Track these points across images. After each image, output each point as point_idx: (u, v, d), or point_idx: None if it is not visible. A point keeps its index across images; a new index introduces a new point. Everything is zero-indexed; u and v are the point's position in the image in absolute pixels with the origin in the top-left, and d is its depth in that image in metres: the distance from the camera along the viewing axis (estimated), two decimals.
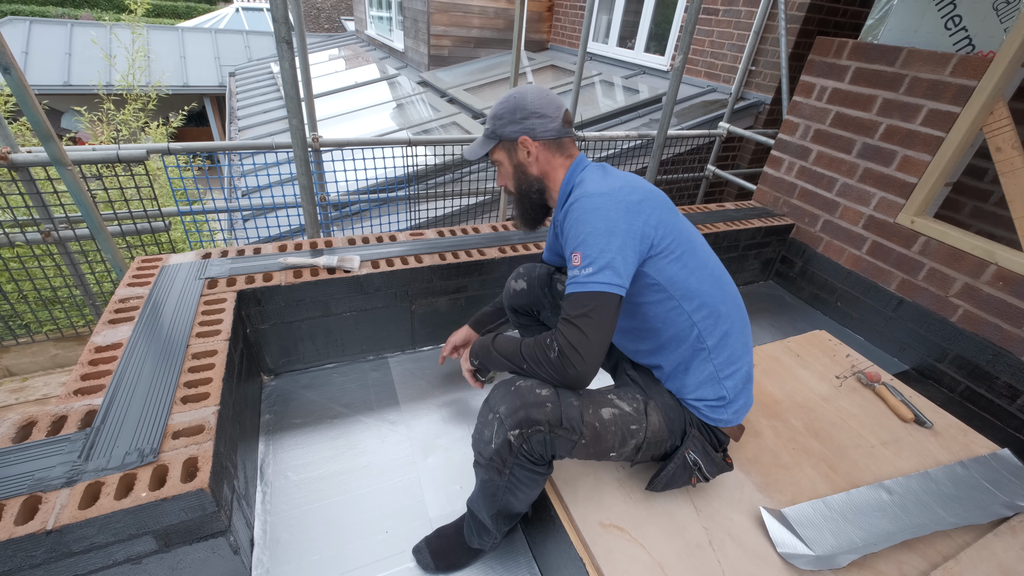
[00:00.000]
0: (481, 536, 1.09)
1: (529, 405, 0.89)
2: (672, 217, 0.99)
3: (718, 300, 1.00)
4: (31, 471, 0.90)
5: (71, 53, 7.86)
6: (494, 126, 1.09)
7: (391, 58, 7.51)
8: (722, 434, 1.06)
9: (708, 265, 1.01)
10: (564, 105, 1.08)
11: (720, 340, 1.00)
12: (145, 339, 1.24)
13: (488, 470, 0.95)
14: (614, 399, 1.00)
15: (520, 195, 1.15)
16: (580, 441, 0.92)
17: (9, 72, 1.66)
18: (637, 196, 0.95)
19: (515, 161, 1.11)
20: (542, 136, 1.07)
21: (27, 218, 2.16)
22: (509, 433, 0.89)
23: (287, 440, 1.47)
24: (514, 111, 1.06)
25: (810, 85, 2.39)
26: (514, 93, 1.08)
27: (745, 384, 1.04)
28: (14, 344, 2.36)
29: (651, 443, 0.99)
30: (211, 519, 0.95)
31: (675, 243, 0.96)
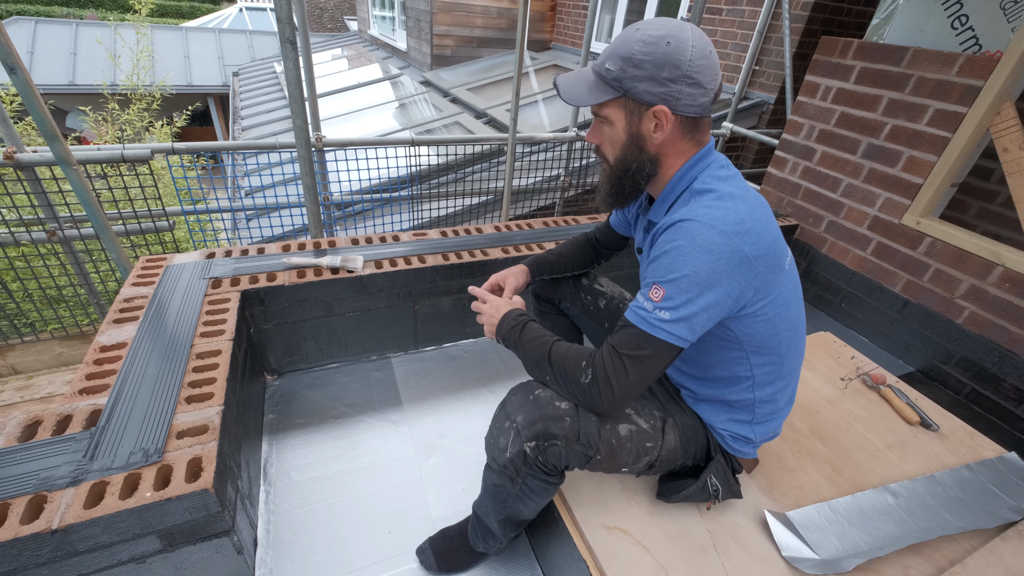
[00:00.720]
0: (487, 541, 1.09)
1: (548, 418, 0.86)
2: (777, 275, 0.83)
3: (787, 358, 0.93)
4: (36, 470, 0.90)
5: (76, 53, 7.89)
6: (622, 72, 0.80)
7: (394, 58, 7.52)
8: (738, 463, 1.06)
9: (796, 325, 0.91)
10: (720, 76, 0.83)
11: (771, 393, 0.96)
12: (150, 339, 1.24)
13: (500, 476, 0.93)
14: (632, 415, 0.97)
15: (619, 172, 0.89)
16: (595, 456, 0.91)
17: (15, 72, 1.66)
18: (756, 250, 0.77)
19: (634, 129, 0.84)
20: (684, 111, 0.81)
21: (32, 217, 2.17)
22: (525, 444, 0.86)
23: (290, 440, 1.47)
24: (663, 64, 0.77)
25: (815, 85, 2.38)
26: (668, 34, 0.77)
27: (776, 431, 1.03)
28: (19, 342, 2.37)
29: (664, 461, 0.99)
30: (215, 519, 0.95)
31: (770, 304, 0.83)
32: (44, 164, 2.05)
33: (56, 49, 7.85)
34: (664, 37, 0.77)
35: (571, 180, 3.65)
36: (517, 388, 0.94)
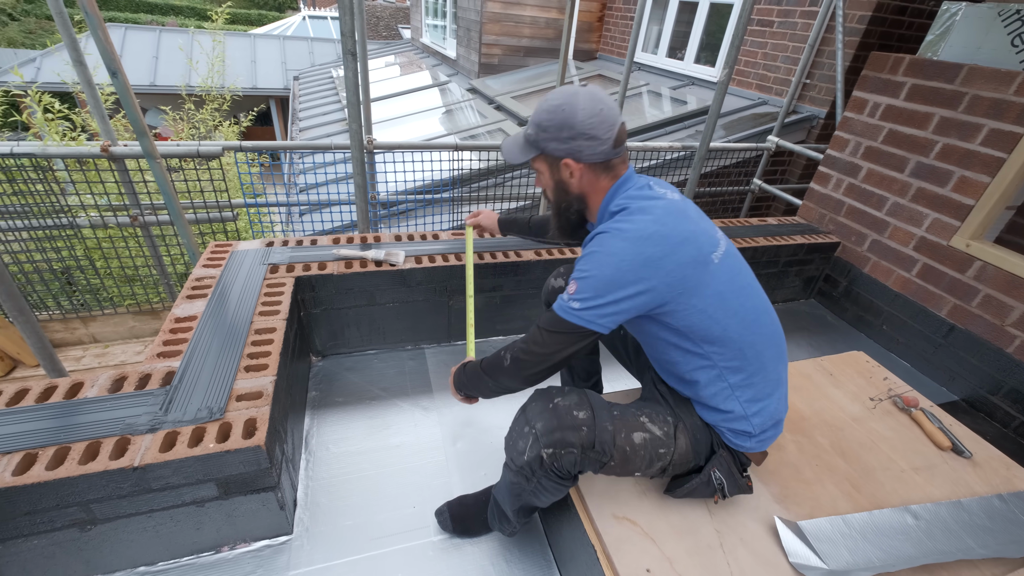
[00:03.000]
0: (502, 523, 1.18)
1: (565, 427, 0.93)
2: (700, 270, 0.92)
3: (745, 343, 0.97)
4: (122, 417, 1.05)
5: (158, 56, 8.61)
6: (537, 136, 1.00)
7: (443, 65, 7.78)
8: (745, 457, 1.08)
9: (740, 312, 0.96)
10: (618, 121, 0.97)
11: (745, 379, 0.99)
12: (216, 314, 1.40)
13: (517, 475, 1.00)
14: (646, 422, 1.02)
15: (558, 210, 1.10)
16: (609, 463, 0.97)
17: (116, 76, 1.89)
18: (661, 251, 0.89)
19: (556, 177, 1.04)
20: (588, 160, 0.98)
21: (119, 204, 2.43)
22: (543, 450, 0.93)
23: (330, 416, 1.60)
24: (561, 128, 0.96)
25: (862, 101, 2.34)
26: (563, 103, 0.95)
27: (774, 421, 1.04)
28: (100, 314, 2.65)
29: (676, 465, 1.03)
30: (264, 474, 1.08)
31: (697, 296, 0.92)
32: (132, 157, 2.30)
33: (141, 53, 8.59)
34: (560, 106, 0.96)
35: None
36: (537, 395, 1.01)
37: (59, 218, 2.42)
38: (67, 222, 2.44)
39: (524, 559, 1.24)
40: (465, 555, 1.23)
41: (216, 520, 1.11)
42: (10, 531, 0.95)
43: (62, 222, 2.44)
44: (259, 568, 1.15)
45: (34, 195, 2.35)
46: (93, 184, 2.32)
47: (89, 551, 1.04)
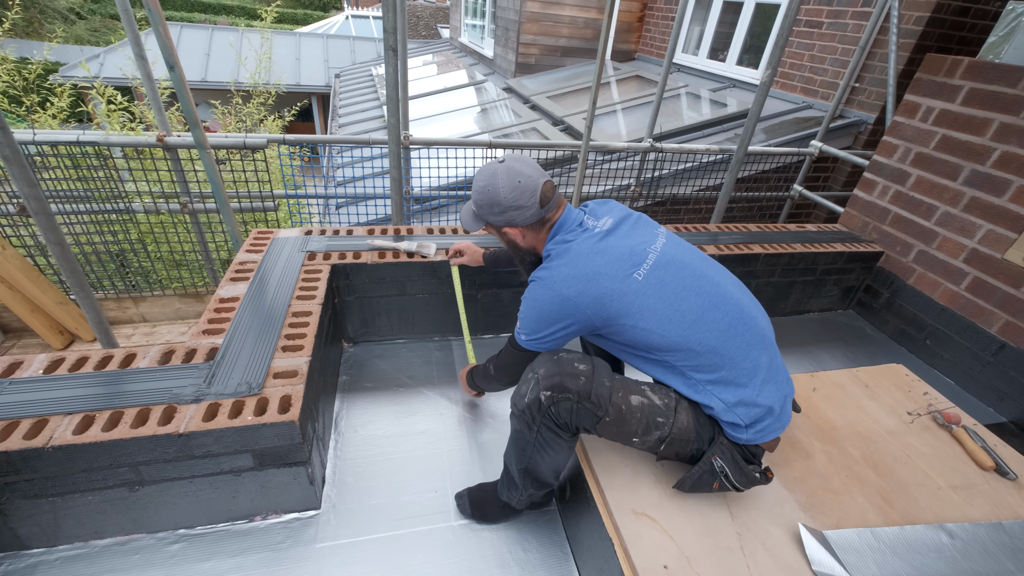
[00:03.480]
0: (510, 490, 1.21)
1: (565, 374, 1.00)
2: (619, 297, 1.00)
3: (694, 343, 1.00)
4: (169, 387, 1.12)
5: (209, 53, 9.02)
6: (479, 211, 1.16)
7: (480, 64, 7.85)
8: (755, 447, 1.07)
9: (675, 318, 1.00)
10: (540, 184, 1.08)
11: (712, 375, 1.01)
12: (257, 296, 1.47)
13: (520, 421, 1.06)
14: (646, 390, 1.05)
15: (518, 260, 1.26)
16: (604, 418, 1.00)
17: (173, 69, 2.00)
18: (577, 287, 1.01)
19: (505, 239, 1.21)
20: (522, 224, 1.12)
21: (171, 191, 2.57)
22: (541, 392, 0.99)
23: (359, 400, 1.65)
24: (491, 205, 1.11)
25: (914, 105, 2.24)
26: (486, 185, 1.10)
27: (766, 408, 1.02)
28: (150, 295, 2.81)
29: (676, 440, 1.03)
30: (296, 449, 1.13)
31: (624, 316, 1.00)
32: (184, 147, 2.43)
33: (194, 50, 9.03)
34: (486, 187, 1.11)
35: (641, 190, 3.66)
36: (544, 353, 1.09)
37: (116, 203, 2.59)
38: (123, 207, 2.60)
39: (541, 548, 1.25)
40: (484, 540, 1.26)
41: (251, 490, 1.17)
42: (68, 486, 1.03)
43: (119, 207, 2.60)
44: (288, 539, 1.21)
45: (95, 181, 2.52)
46: (148, 172, 2.47)
47: (136, 510, 1.12)
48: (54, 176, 2.46)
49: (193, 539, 1.18)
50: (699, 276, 1.06)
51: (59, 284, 2.66)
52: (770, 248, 2.22)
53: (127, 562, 1.12)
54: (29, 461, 0.97)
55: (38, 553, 1.12)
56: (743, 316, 1.05)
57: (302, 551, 1.19)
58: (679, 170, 3.75)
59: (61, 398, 1.07)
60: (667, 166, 3.70)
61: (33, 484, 1.01)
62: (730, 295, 1.07)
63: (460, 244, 1.75)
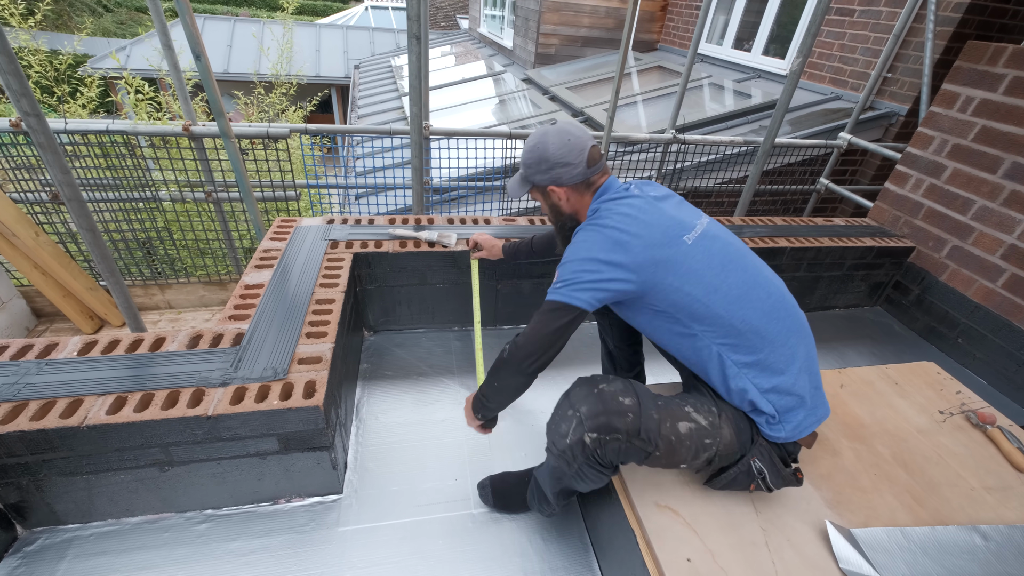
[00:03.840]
0: (541, 504, 1.19)
1: (611, 412, 0.92)
2: (670, 250, 0.98)
3: (735, 319, 0.97)
4: (197, 370, 1.14)
5: (231, 45, 9.14)
6: (525, 172, 1.15)
7: (499, 55, 7.80)
8: (791, 445, 1.05)
9: (721, 288, 0.98)
10: (588, 144, 1.09)
11: (748, 356, 0.98)
12: (281, 283, 1.49)
13: (559, 460, 0.99)
14: (691, 412, 1.00)
15: (556, 228, 1.24)
16: (654, 453, 0.95)
17: (199, 59, 2.02)
18: (628, 234, 0.98)
19: (549, 203, 1.19)
20: (568, 183, 1.11)
21: (196, 180, 2.61)
22: (587, 434, 0.92)
23: (379, 388, 1.67)
24: (539, 162, 1.10)
25: (953, 95, 2.15)
26: (536, 143, 1.10)
27: (800, 399, 1.00)
28: (175, 282, 2.87)
29: (722, 456, 1.01)
30: (320, 434, 1.14)
31: (671, 275, 0.97)
32: (209, 136, 2.47)
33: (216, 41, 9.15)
34: (536, 145, 1.11)
35: (662, 182, 3.60)
36: (581, 380, 1.01)
37: (144, 192, 2.64)
38: (150, 196, 2.66)
39: (561, 539, 1.25)
40: (504, 530, 1.26)
41: (275, 473, 1.19)
42: (102, 464, 1.06)
43: (146, 195, 2.65)
44: (312, 522, 1.23)
45: (123, 169, 2.57)
46: (174, 161, 2.51)
47: (166, 490, 1.15)
48: (84, 165, 2.52)
49: (220, 519, 1.21)
50: (743, 255, 1.05)
51: (88, 271, 2.74)
52: (796, 242, 2.16)
53: (157, 539, 1.16)
54: (65, 439, 1.00)
55: (73, 528, 1.16)
56: (784, 301, 1.04)
57: (325, 534, 1.21)
58: (702, 162, 3.68)
59: (95, 379, 1.10)
60: (690, 158, 3.63)
61: (69, 462, 1.05)
62: (772, 279, 1.06)
63: (478, 236, 1.74)
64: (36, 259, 2.50)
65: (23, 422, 0.98)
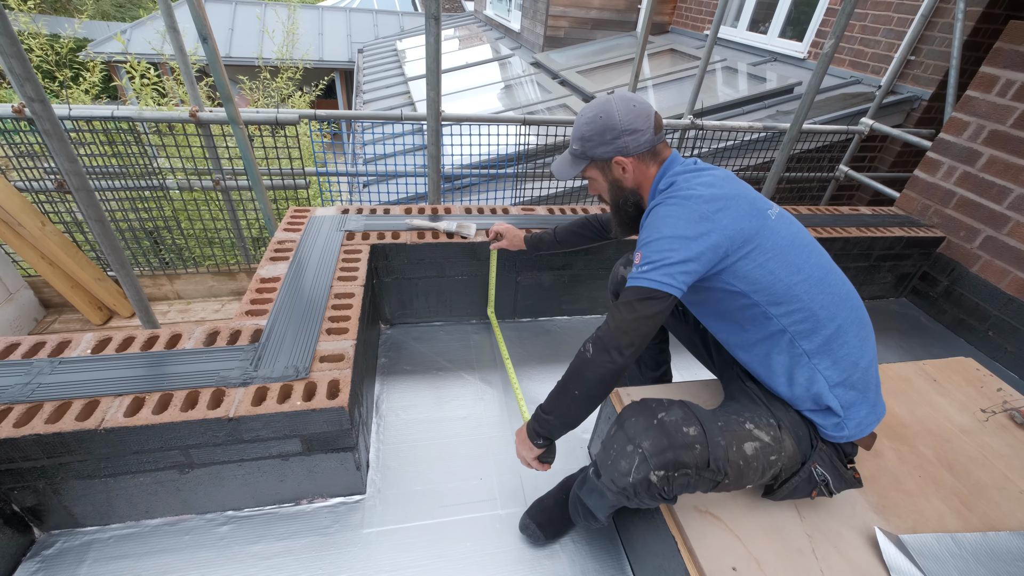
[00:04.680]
0: (588, 520, 1.12)
1: (678, 447, 0.85)
2: (758, 223, 0.93)
3: (815, 303, 0.93)
4: (216, 369, 1.10)
5: (233, 28, 8.97)
6: (583, 147, 1.07)
7: (506, 38, 7.62)
8: (850, 446, 1.00)
9: (804, 269, 0.94)
10: (653, 110, 1.05)
11: (821, 345, 0.93)
12: (298, 277, 1.44)
13: (617, 496, 0.92)
14: (752, 429, 0.95)
15: (616, 208, 1.15)
16: (724, 481, 0.90)
17: (207, 41, 1.95)
18: (715, 205, 0.92)
19: (609, 178, 1.10)
20: (635, 152, 1.04)
21: (204, 168, 2.55)
22: (653, 473, 0.84)
23: (399, 383, 1.63)
24: (603, 132, 1.03)
25: (992, 78, 2.06)
26: (600, 111, 1.03)
27: (863, 394, 0.96)
28: (184, 272, 2.82)
29: (786, 469, 0.96)
30: (345, 435, 1.10)
31: (757, 249, 0.92)
32: (216, 122, 2.40)
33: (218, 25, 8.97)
34: (598, 115, 1.04)
35: None
36: (635, 409, 0.92)
37: (150, 180, 2.58)
38: (157, 184, 2.60)
39: (592, 542, 1.22)
40: None
41: (298, 474, 1.16)
42: (120, 467, 1.03)
43: (152, 184, 2.60)
44: (335, 523, 1.19)
45: (129, 157, 2.51)
46: (181, 148, 2.45)
47: (186, 492, 1.11)
48: (89, 152, 2.46)
49: (242, 521, 1.18)
50: (813, 240, 1.01)
51: (96, 260, 2.69)
52: (823, 232, 2.09)
53: (178, 542, 1.12)
54: (83, 443, 0.96)
55: (92, 531, 1.13)
56: (851, 290, 1.00)
57: (350, 536, 1.17)
58: (718, 148, 3.58)
59: (110, 379, 1.05)
60: (707, 144, 3.53)
61: (86, 465, 1.01)
62: (839, 269, 1.01)
63: (500, 226, 1.68)
64: (43, 249, 2.45)
65: (39, 425, 0.94)
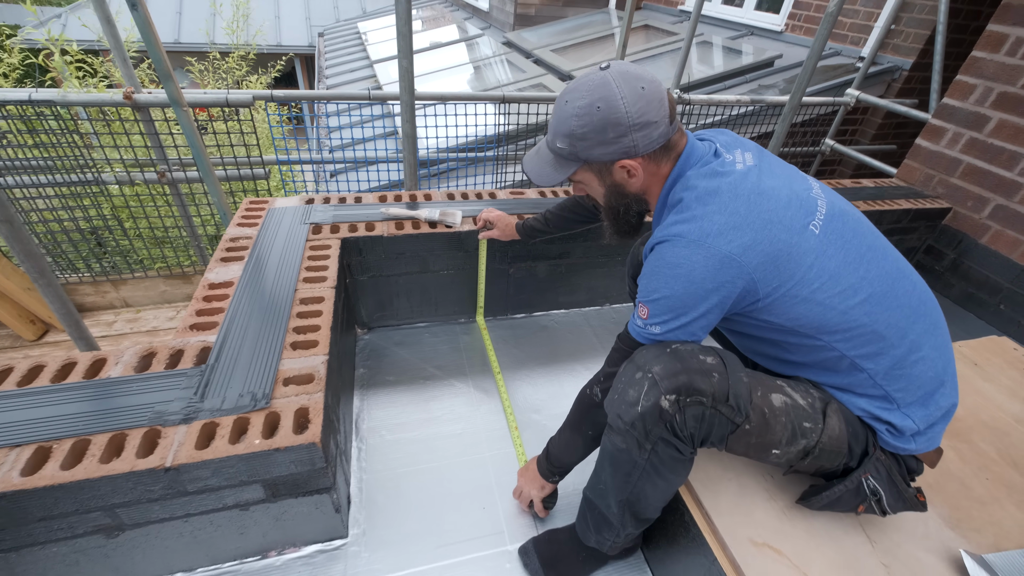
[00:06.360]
0: (600, 532, 0.94)
1: (692, 371, 0.73)
2: (794, 252, 0.74)
3: (879, 323, 0.76)
4: (151, 403, 0.87)
5: (181, 12, 8.34)
6: (573, 148, 0.82)
7: (475, 18, 7.31)
8: (913, 460, 0.84)
9: (864, 287, 0.76)
10: (665, 90, 0.80)
11: (891, 365, 0.77)
12: (255, 279, 1.20)
13: (626, 438, 0.78)
14: (784, 386, 0.81)
15: (614, 215, 0.92)
16: (744, 426, 0.75)
17: (136, 8, 1.66)
18: (742, 240, 0.72)
19: (608, 182, 0.87)
20: (646, 150, 0.80)
21: (146, 159, 2.24)
22: (664, 397, 0.72)
23: (381, 397, 1.41)
24: (604, 128, 0.78)
25: (1000, 36, 1.94)
26: (596, 99, 0.77)
27: (943, 412, 0.81)
28: (131, 277, 2.52)
29: (825, 451, 0.80)
30: (318, 475, 0.89)
31: (800, 283, 0.74)
32: (157, 105, 2.10)
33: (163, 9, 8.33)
34: (593, 104, 0.78)
35: None
36: (648, 345, 0.81)
37: (84, 174, 2.26)
38: (92, 178, 2.28)
39: None
40: None
41: (262, 524, 0.94)
42: (23, 538, 0.79)
43: (87, 178, 2.27)
44: None
45: (58, 148, 2.19)
46: (118, 136, 2.14)
47: (118, 558, 0.89)
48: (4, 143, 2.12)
49: None
50: (874, 233, 0.82)
51: None
52: None
53: None
54: None
55: None
56: (922, 290, 0.82)
57: None
58: (705, 124, 3.43)
59: (5, 425, 0.81)
60: (693, 120, 3.38)
61: None
62: (907, 263, 0.83)
63: (489, 213, 1.48)
64: None
65: None
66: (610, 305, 1.91)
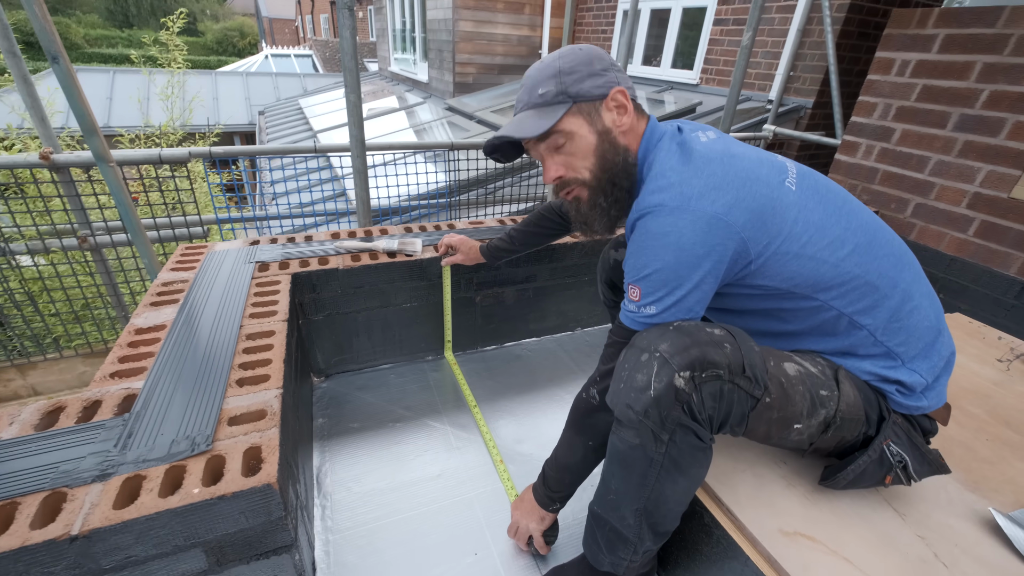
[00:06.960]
0: (614, 551, 0.81)
1: (703, 343, 0.67)
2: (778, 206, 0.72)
3: (873, 274, 0.75)
4: (55, 462, 0.70)
5: (111, 98, 8.22)
6: (562, 84, 0.77)
7: (415, 90, 7.66)
8: (927, 420, 0.81)
9: (849, 238, 0.75)
10: None
11: (888, 318, 0.76)
12: (192, 319, 1.06)
13: (639, 432, 0.70)
14: (793, 356, 0.77)
15: (605, 180, 0.80)
16: (764, 399, 0.69)
17: (58, 61, 1.58)
18: (724, 200, 0.69)
19: (599, 127, 0.79)
20: (627, 86, 0.80)
21: (64, 224, 2.05)
22: (678, 375, 0.66)
23: (345, 447, 1.25)
24: (590, 61, 0.77)
25: (888, 61, 2.21)
26: (566, 52, 0.79)
27: (948, 362, 0.80)
28: (42, 360, 2.21)
29: (845, 420, 0.75)
30: (276, 527, 0.73)
31: (790, 238, 0.72)
32: (79, 165, 1.95)
33: (94, 95, 8.18)
34: (572, 48, 0.80)
35: None
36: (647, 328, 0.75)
37: None
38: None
39: None
40: None
41: None
42: None
43: None
44: None
45: None
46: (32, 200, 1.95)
47: None
48: None
49: None
50: (845, 191, 0.82)
51: None
52: None
53: None
54: None
55: None
56: (899, 240, 0.82)
57: None
58: None
59: None
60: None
61: None
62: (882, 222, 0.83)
63: (451, 238, 1.43)
64: None
65: None
66: (582, 329, 1.86)
